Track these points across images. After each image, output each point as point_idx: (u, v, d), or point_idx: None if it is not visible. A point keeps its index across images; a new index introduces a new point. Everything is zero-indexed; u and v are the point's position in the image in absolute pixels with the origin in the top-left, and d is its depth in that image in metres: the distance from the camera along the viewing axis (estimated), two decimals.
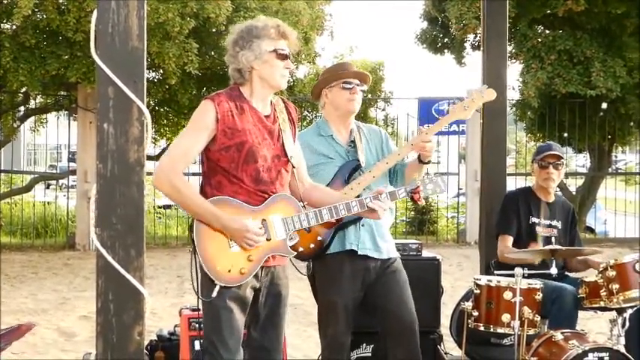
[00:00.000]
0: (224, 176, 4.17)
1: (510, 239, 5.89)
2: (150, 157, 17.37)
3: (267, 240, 4.17)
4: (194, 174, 12.46)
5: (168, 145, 19.05)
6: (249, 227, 4.08)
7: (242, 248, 4.11)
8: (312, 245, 5.03)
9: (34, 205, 18.11)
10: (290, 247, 4.25)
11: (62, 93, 17.03)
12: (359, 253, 5.12)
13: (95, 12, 3.60)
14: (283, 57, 4.26)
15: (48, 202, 19.13)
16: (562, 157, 6.00)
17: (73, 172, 17.10)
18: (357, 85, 5.25)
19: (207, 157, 4.21)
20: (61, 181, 21.16)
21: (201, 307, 4.20)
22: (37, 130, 18.86)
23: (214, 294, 4.10)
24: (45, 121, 18.88)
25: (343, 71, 5.30)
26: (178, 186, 4.09)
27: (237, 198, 4.14)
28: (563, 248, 5.61)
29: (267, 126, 4.28)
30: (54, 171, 27.05)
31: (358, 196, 4.87)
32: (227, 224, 4.07)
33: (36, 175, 18.87)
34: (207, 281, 4.12)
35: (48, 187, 23.08)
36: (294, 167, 4.38)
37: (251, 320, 4.31)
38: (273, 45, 4.23)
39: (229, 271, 4.10)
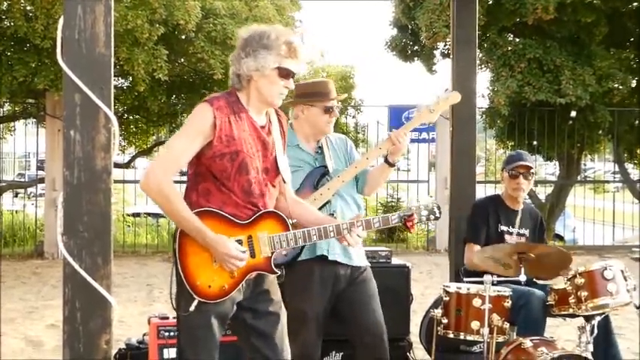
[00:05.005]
0: (213, 184, 4.00)
1: (478, 248, 5.89)
2: (119, 165, 17.28)
3: (252, 257, 4.03)
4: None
5: (137, 152, 19.06)
6: (231, 252, 3.92)
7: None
8: (284, 252, 5.00)
9: (1, 214, 17.90)
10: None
11: (30, 100, 16.89)
12: (329, 258, 5.11)
13: (62, 18, 3.57)
14: (286, 76, 4.07)
15: (16, 211, 19.00)
16: (532, 168, 6.02)
17: (42, 181, 16.94)
18: (336, 107, 5.29)
19: (199, 161, 4.00)
20: (29, 190, 21.01)
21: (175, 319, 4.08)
22: (5, 138, 18.73)
23: (192, 308, 3.96)
24: (13, 128, 18.74)
25: (326, 94, 5.27)
26: (167, 194, 3.89)
27: (225, 209, 3.99)
28: (532, 252, 5.63)
29: (262, 137, 4.11)
30: (22, 179, 26.88)
31: (327, 204, 4.90)
32: (210, 244, 3.92)
33: (4, 184, 18.73)
34: (186, 295, 3.98)
35: (16, 196, 22.92)
36: (284, 182, 4.24)
37: (248, 332, 4.19)
38: (279, 62, 4.02)
39: (209, 286, 3.97)
